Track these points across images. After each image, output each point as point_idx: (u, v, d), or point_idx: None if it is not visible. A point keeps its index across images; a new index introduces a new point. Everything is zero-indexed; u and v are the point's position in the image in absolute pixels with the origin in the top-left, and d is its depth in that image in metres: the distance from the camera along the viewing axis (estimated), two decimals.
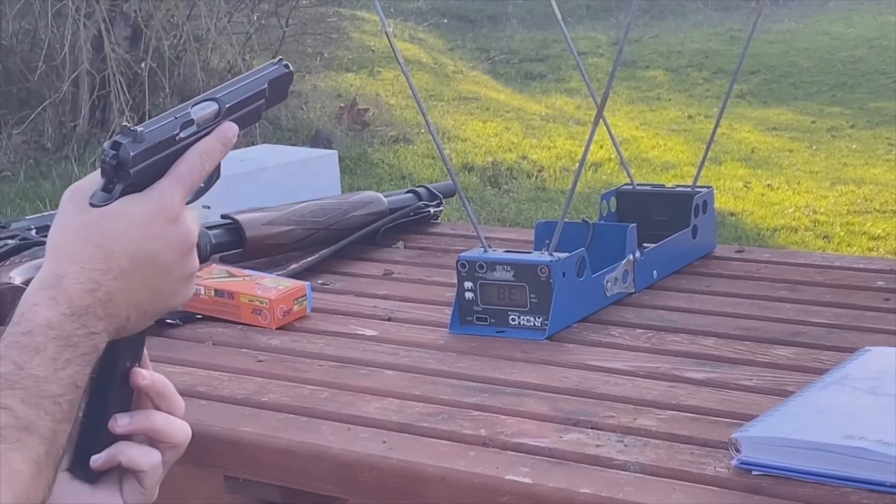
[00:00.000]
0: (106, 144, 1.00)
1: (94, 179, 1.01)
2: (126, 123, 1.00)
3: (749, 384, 1.28)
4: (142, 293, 0.99)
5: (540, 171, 6.75)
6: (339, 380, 1.35)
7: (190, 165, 1.02)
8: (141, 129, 1.00)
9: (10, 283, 1.51)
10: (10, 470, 0.88)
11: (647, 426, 1.18)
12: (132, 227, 0.99)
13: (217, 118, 1.05)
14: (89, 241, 0.98)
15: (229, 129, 1.04)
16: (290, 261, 1.74)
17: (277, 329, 1.52)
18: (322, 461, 1.18)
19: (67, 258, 0.98)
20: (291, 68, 1.15)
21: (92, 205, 0.99)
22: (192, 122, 1.03)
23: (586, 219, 1.63)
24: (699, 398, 1.25)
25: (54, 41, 6.62)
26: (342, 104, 7.79)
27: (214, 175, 1.06)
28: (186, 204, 1.02)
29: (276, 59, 1.14)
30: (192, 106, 1.05)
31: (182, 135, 1.02)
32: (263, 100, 1.11)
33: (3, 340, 0.94)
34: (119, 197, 0.99)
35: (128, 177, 0.99)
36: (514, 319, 1.46)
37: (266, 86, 1.11)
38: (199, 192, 1.04)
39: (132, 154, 0.99)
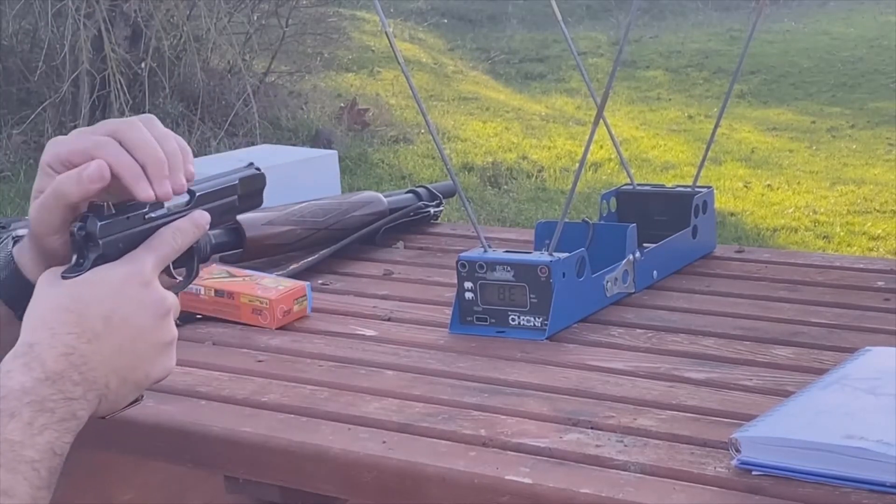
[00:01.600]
0: (74, 220, 1.02)
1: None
2: (95, 201, 1.02)
3: (749, 384, 1.28)
4: (119, 358, 0.98)
5: (540, 171, 6.75)
6: (340, 380, 1.35)
7: (162, 238, 1.04)
8: (106, 203, 1.02)
9: None
10: None
11: (647, 426, 1.18)
12: (105, 290, 0.99)
13: (188, 206, 1.08)
14: (60, 307, 0.98)
15: (202, 216, 1.07)
16: (290, 261, 1.74)
17: (277, 329, 1.52)
18: (322, 461, 1.18)
19: (39, 327, 0.97)
20: (262, 171, 1.19)
21: (64, 277, 0.99)
22: (161, 205, 1.06)
23: (586, 219, 1.63)
24: (699, 398, 1.25)
25: (54, 41, 6.62)
26: (342, 104, 7.79)
27: (193, 273, 1.10)
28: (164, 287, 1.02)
29: (248, 164, 1.18)
30: None
31: (152, 214, 1.05)
32: (235, 196, 1.14)
33: None
34: (90, 268, 1.00)
35: (97, 248, 1.01)
36: (514, 319, 1.46)
37: (237, 182, 1.15)
38: (176, 287, 1.06)
39: (100, 224, 1.01)
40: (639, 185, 1.79)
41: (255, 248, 1.74)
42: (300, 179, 1.98)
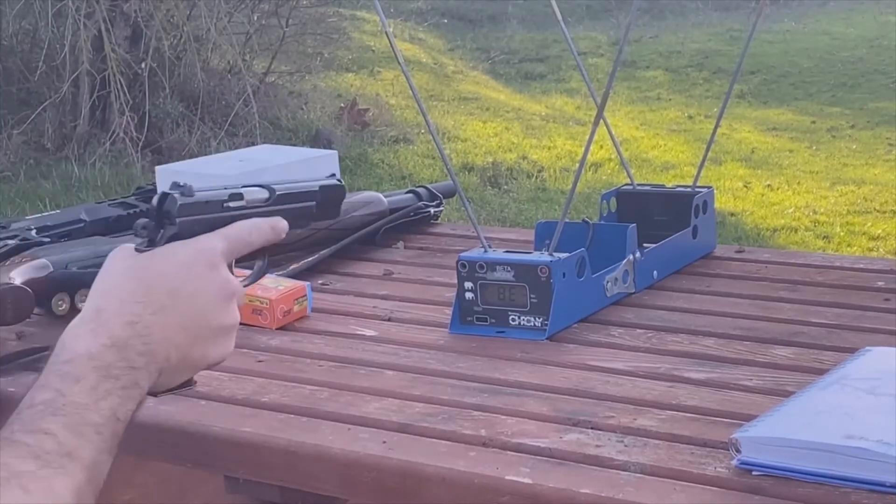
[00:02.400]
0: (154, 197, 1.04)
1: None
2: (177, 181, 1.04)
3: (749, 384, 1.28)
4: (182, 334, 1.00)
5: (540, 171, 6.75)
6: (340, 380, 1.35)
7: (238, 230, 1.06)
8: (191, 185, 1.04)
9: (10, 284, 1.51)
10: (53, 494, 0.89)
11: (647, 426, 1.18)
12: (174, 266, 1.01)
13: (268, 202, 1.10)
14: (130, 277, 1.00)
15: (280, 222, 1.09)
16: (290, 261, 1.73)
17: (277, 329, 1.52)
18: (322, 461, 1.18)
19: (108, 294, 1.00)
20: (343, 183, 1.21)
21: (137, 250, 1.02)
22: (241, 196, 1.08)
23: (586, 219, 1.63)
24: (699, 398, 1.25)
25: (54, 41, 6.62)
26: (342, 104, 7.79)
27: (262, 272, 1.14)
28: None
29: (330, 174, 1.21)
30: (244, 186, 1.10)
31: (231, 204, 1.07)
32: (314, 203, 1.16)
33: (45, 370, 0.95)
34: (164, 244, 1.02)
35: (174, 226, 1.02)
36: (514, 319, 1.46)
37: (317, 189, 1.17)
38: (242, 282, 1.08)
39: (179, 204, 1.02)
40: (639, 185, 1.79)
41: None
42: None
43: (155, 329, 0.99)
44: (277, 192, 1.11)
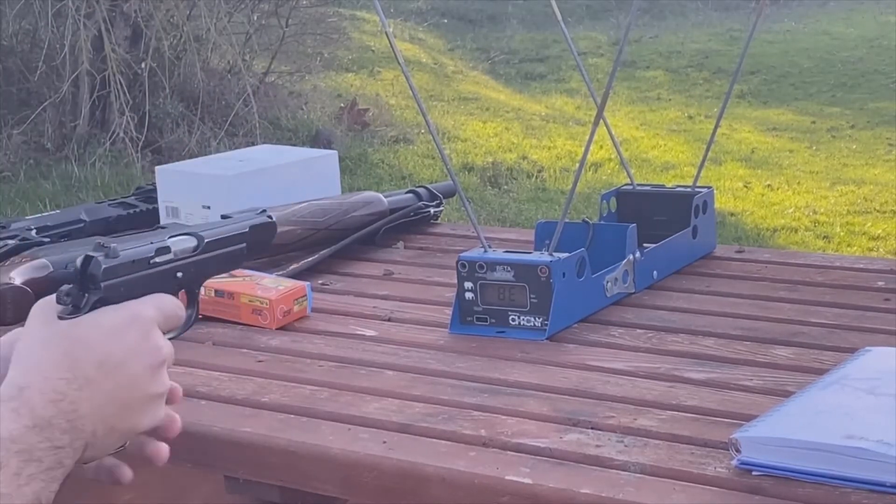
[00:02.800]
0: (77, 259, 1.00)
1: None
2: (99, 241, 1.01)
3: (749, 384, 1.28)
4: (109, 406, 0.96)
5: (540, 171, 6.75)
6: (339, 380, 1.35)
7: (170, 300, 1.03)
8: (115, 245, 1.00)
9: (10, 284, 1.51)
10: None
11: (647, 426, 1.18)
12: (101, 336, 0.97)
13: (196, 252, 1.07)
14: (55, 349, 0.95)
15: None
16: (289, 261, 1.73)
17: (277, 329, 1.51)
18: (322, 461, 1.18)
19: (32, 369, 0.95)
20: (274, 220, 1.17)
21: (60, 318, 0.97)
22: (168, 249, 1.05)
23: (586, 219, 1.63)
24: (699, 398, 1.25)
25: (54, 41, 6.62)
26: (342, 105, 7.79)
27: (193, 319, 1.09)
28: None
29: (260, 210, 1.17)
30: (171, 237, 1.07)
31: (157, 259, 1.03)
32: (244, 245, 1.13)
33: None
34: (89, 311, 0.98)
35: (98, 290, 0.98)
36: (514, 319, 1.46)
37: (247, 231, 1.13)
38: (176, 332, 1.06)
39: (104, 268, 0.99)
40: (639, 185, 1.79)
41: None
42: (300, 179, 1.97)
43: (80, 405, 0.94)
44: (206, 240, 1.08)
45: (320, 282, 1.69)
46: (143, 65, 6.72)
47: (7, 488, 0.90)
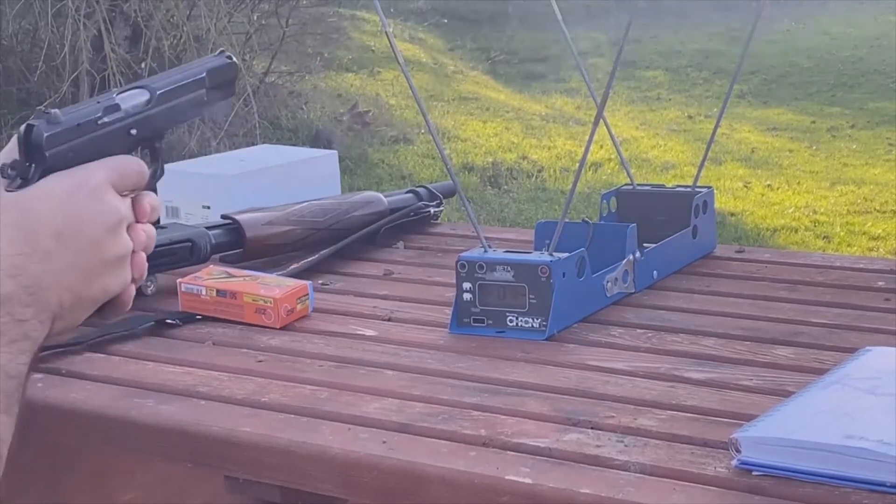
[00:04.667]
0: (21, 128, 0.95)
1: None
2: (41, 108, 0.96)
3: (749, 384, 1.28)
4: (71, 274, 0.94)
5: (540, 171, 6.75)
6: (339, 380, 1.35)
7: (123, 159, 0.98)
8: (56, 111, 0.96)
9: None
10: None
11: (647, 426, 1.18)
12: (54, 204, 0.94)
13: (148, 105, 1.02)
14: (8, 225, 0.92)
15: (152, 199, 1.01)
16: (290, 261, 1.73)
17: (277, 329, 1.51)
18: (322, 461, 1.18)
19: None
20: (234, 59, 1.11)
21: (8, 190, 0.94)
22: (117, 107, 0.99)
23: (586, 219, 1.63)
24: (699, 398, 1.25)
25: (54, 41, 6.62)
26: (342, 110, 7.79)
27: (158, 171, 1.03)
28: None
29: (218, 52, 1.11)
30: (119, 93, 1.01)
31: (106, 119, 0.98)
32: (203, 90, 1.07)
33: None
34: (36, 181, 0.94)
35: (44, 160, 0.94)
36: (512, 321, 1.46)
37: (204, 75, 1.07)
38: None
39: (46, 135, 0.94)
40: (639, 185, 1.79)
41: (256, 248, 1.74)
42: (300, 179, 1.98)
43: (42, 278, 0.92)
44: (159, 91, 1.02)
45: (320, 281, 1.69)
46: (143, 65, 6.72)
47: None
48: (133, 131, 1.01)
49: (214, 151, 6.29)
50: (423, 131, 7.45)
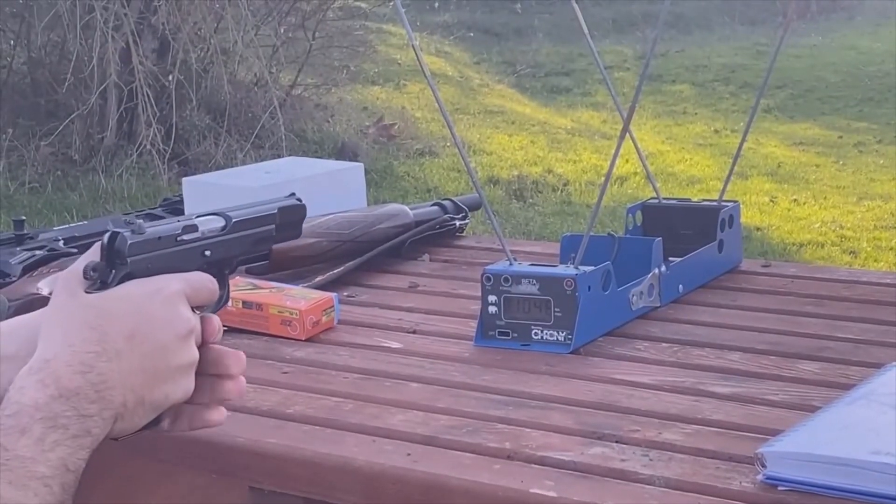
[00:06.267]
0: (104, 236, 1.01)
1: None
2: (125, 218, 1.02)
3: (775, 399, 1.28)
4: (138, 377, 0.97)
5: (565, 184, 6.75)
6: (364, 392, 1.35)
7: (199, 275, 1.03)
8: (140, 222, 1.01)
9: (37, 294, 1.52)
10: None
11: (672, 440, 1.18)
12: (129, 308, 0.98)
13: (224, 231, 1.07)
14: (84, 324, 0.96)
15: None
16: (315, 273, 1.74)
17: (303, 341, 1.52)
18: (346, 473, 1.18)
19: (58, 342, 0.96)
20: (303, 202, 1.17)
21: (87, 292, 0.98)
22: (195, 228, 1.05)
23: (612, 232, 1.63)
24: (724, 413, 1.25)
25: (83, 53, 6.66)
26: (368, 122, 7.81)
27: (224, 300, 1.08)
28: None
29: (289, 194, 1.17)
30: (198, 217, 1.07)
31: (185, 237, 1.04)
32: (273, 226, 1.12)
33: None
34: (115, 286, 0.99)
35: (125, 265, 0.99)
36: (536, 334, 1.46)
37: (276, 212, 1.13)
38: (207, 310, 1.05)
39: (129, 243, 1.00)
40: (665, 199, 1.79)
41: (281, 259, 1.75)
42: (326, 192, 1.98)
43: (109, 376, 0.95)
44: (234, 220, 1.08)
45: (346, 293, 1.69)
46: (170, 77, 6.75)
47: (30, 452, 0.90)
48: (207, 253, 1.07)
49: (241, 163, 6.31)
50: (448, 144, 7.46)
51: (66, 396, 0.93)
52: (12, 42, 7.47)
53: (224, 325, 1.54)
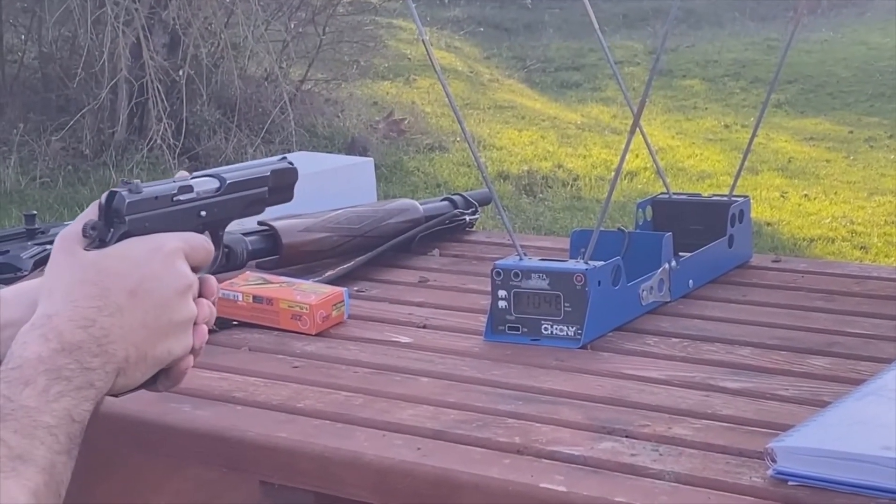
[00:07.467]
0: (102, 195, 1.03)
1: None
2: (123, 179, 1.04)
3: (785, 394, 1.28)
4: (140, 331, 0.99)
5: (575, 179, 6.75)
6: (374, 386, 1.35)
7: (197, 234, 1.05)
8: (137, 182, 1.04)
9: None
10: (8, 497, 0.88)
11: (682, 435, 1.18)
12: (129, 265, 1.00)
13: (218, 192, 1.10)
14: (85, 280, 0.98)
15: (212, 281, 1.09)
16: (325, 268, 1.74)
17: (313, 335, 1.52)
18: (356, 467, 1.18)
19: (60, 299, 0.97)
20: (294, 165, 1.19)
21: (86, 250, 1.00)
22: (191, 188, 1.08)
23: (622, 227, 1.63)
24: (735, 408, 1.24)
25: (93, 48, 6.67)
26: (378, 117, 7.81)
27: (220, 257, 1.11)
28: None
29: (280, 157, 1.20)
30: (194, 178, 1.10)
31: (180, 197, 1.06)
32: (266, 188, 1.15)
33: None
34: (114, 243, 1.01)
35: (123, 224, 1.02)
36: (546, 329, 1.46)
37: (269, 174, 1.16)
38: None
39: (127, 202, 1.02)
40: (675, 194, 1.78)
41: (292, 254, 1.75)
42: (336, 187, 1.98)
43: (111, 331, 0.97)
44: (228, 181, 1.11)
45: (356, 288, 1.69)
46: (180, 72, 6.76)
47: (35, 402, 0.92)
48: (202, 213, 1.10)
49: (251, 158, 6.31)
50: (458, 139, 7.46)
51: (68, 350, 0.95)
52: (23, 37, 7.48)
53: (234, 320, 1.55)
